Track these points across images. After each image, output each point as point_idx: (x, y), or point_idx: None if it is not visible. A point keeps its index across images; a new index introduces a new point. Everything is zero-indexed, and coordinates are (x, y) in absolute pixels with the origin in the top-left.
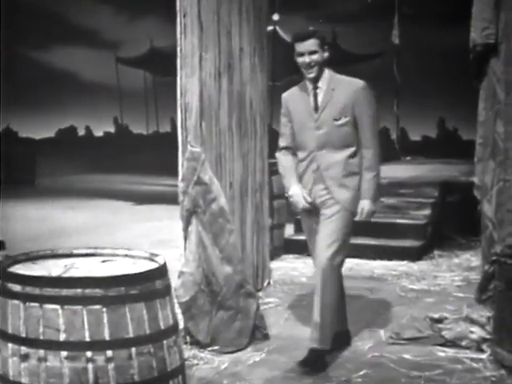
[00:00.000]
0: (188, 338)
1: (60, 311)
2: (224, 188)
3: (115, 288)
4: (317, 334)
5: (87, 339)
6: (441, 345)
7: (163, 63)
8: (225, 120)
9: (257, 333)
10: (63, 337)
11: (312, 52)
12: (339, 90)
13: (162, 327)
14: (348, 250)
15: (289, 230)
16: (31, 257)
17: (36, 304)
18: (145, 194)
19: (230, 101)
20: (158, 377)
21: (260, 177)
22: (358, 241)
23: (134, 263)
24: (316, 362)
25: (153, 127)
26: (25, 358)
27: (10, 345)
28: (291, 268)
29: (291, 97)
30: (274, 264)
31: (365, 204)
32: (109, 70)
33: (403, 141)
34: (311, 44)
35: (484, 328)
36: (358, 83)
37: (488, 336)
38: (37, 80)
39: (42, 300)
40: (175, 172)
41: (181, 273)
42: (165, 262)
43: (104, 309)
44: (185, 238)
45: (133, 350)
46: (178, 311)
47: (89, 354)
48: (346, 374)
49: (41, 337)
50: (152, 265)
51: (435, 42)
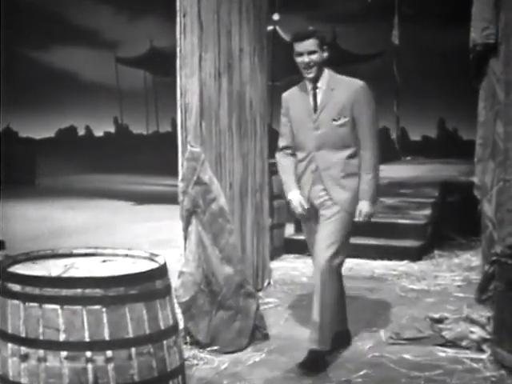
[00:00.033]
0: (188, 338)
1: (60, 311)
2: (224, 188)
3: (115, 288)
4: (316, 335)
5: (87, 339)
6: (441, 345)
7: (163, 63)
8: (225, 120)
9: (257, 333)
10: (63, 337)
11: (311, 52)
12: (338, 90)
13: (162, 327)
14: (348, 250)
15: (289, 230)
16: (31, 257)
17: (36, 304)
18: (145, 194)
19: (230, 101)
20: (158, 377)
21: (260, 177)
22: (359, 241)
23: (134, 263)
24: (316, 363)
25: (153, 127)
26: (24, 358)
27: (10, 345)
28: (291, 268)
29: (291, 97)
30: (274, 264)
31: (363, 205)
32: (109, 70)
33: (403, 141)
34: (310, 44)
35: (484, 328)
36: (358, 83)
37: (488, 336)
38: (37, 80)
39: (42, 300)
40: (175, 172)
41: (181, 273)
42: (165, 262)
43: (104, 309)
44: (185, 238)
45: (132, 350)
46: (178, 311)
47: (88, 354)
48: (346, 374)
49: (40, 337)
50: (152, 265)
51: (435, 43)
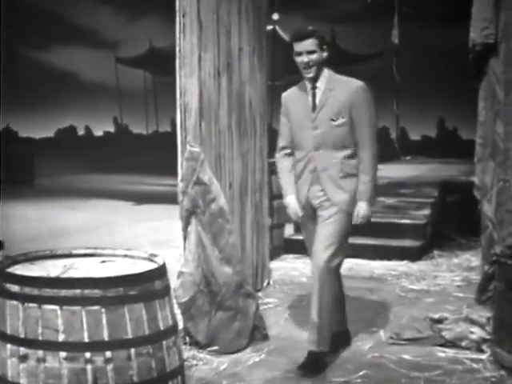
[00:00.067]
0: (187, 339)
1: (59, 312)
2: (223, 188)
3: (114, 288)
4: (315, 337)
5: (86, 340)
6: (441, 345)
7: (163, 63)
8: (224, 120)
9: (256, 333)
10: (62, 337)
11: (310, 52)
12: (337, 90)
13: (161, 328)
14: (347, 251)
15: (289, 230)
16: (30, 257)
17: (35, 305)
18: (144, 194)
19: (230, 100)
20: (157, 377)
21: (260, 176)
22: (358, 241)
23: (134, 263)
24: (315, 365)
25: (152, 127)
26: (23, 359)
27: (9, 345)
28: (291, 268)
29: (290, 96)
30: (274, 264)
31: (360, 207)
32: (108, 70)
33: (403, 140)
34: (310, 44)
35: (484, 328)
36: (356, 84)
37: (488, 336)
38: (37, 80)
39: (41, 301)
40: (175, 172)
41: (180, 273)
42: (164, 263)
43: (103, 309)
44: (184, 239)
45: (132, 351)
46: (178, 311)
47: (88, 355)
48: (346, 375)
49: (39, 337)
50: (151, 265)
51: (435, 42)
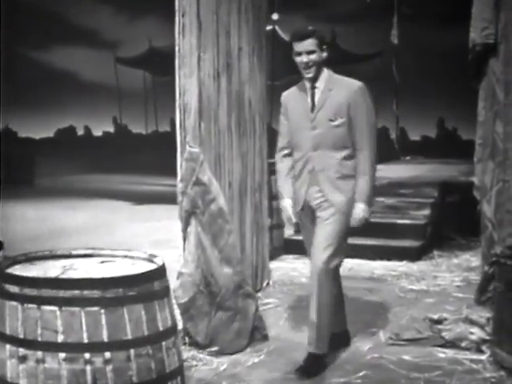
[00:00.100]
0: (187, 339)
1: (58, 313)
2: (223, 188)
3: (113, 289)
4: (314, 338)
5: (85, 341)
6: (440, 346)
7: (162, 63)
8: (224, 120)
9: (256, 334)
10: (61, 338)
11: (310, 52)
12: (336, 91)
13: (161, 329)
14: (346, 251)
15: (288, 230)
16: (29, 258)
17: (34, 305)
18: (144, 194)
19: (229, 100)
20: (157, 378)
21: (259, 176)
22: (358, 241)
23: (133, 264)
24: (314, 366)
25: (152, 127)
26: (23, 360)
27: (8, 346)
28: (291, 268)
29: (290, 96)
30: (274, 264)
31: (358, 208)
32: (108, 70)
33: (403, 141)
34: (309, 44)
35: (484, 329)
36: (356, 84)
37: (488, 337)
38: (37, 80)
39: (40, 301)
40: (175, 172)
41: (180, 274)
42: (163, 263)
43: (102, 310)
44: (184, 239)
45: (131, 352)
46: (177, 312)
47: (87, 356)
48: (345, 376)
49: (39, 338)
50: (151, 266)
51: (434, 42)
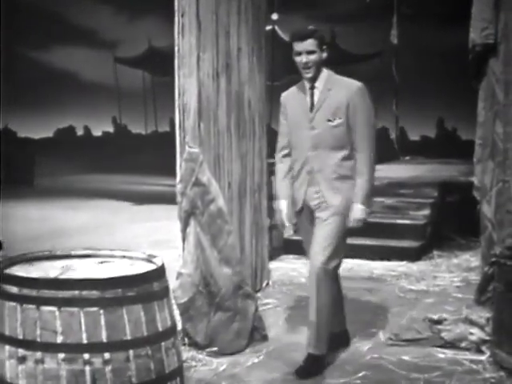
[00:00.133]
0: (186, 340)
1: (57, 313)
2: (222, 189)
3: (112, 290)
4: (313, 339)
5: (84, 341)
6: (440, 346)
7: (162, 63)
8: (223, 120)
9: (255, 334)
10: (60, 339)
11: (310, 52)
12: (335, 91)
13: (160, 329)
14: (345, 252)
15: (288, 231)
16: (28, 258)
17: (33, 306)
18: (144, 194)
19: (229, 101)
20: (156, 379)
21: (259, 177)
22: (358, 241)
23: (132, 264)
24: (314, 367)
25: (151, 127)
26: (22, 361)
27: (7, 347)
28: (290, 268)
29: (289, 96)
30: (273, 264)
31: (355, 209)
32: (108, 70)
33: (402, 141)
34: (309, 44)
35: (483, 329)
36: (355, 84)
37: (487, 337)
38: (36, 80)
39: (39, 302)
40: (174, 172)
41: (179, 274)
42: (163, 264)
43: (101, 311)
44: (183, 240)
45: (130, 353)
46: (176, 312)
47: (86, 357)
48: (345, 376)
49: (38, 339)
50: (150, 266)
51: (434, 42)
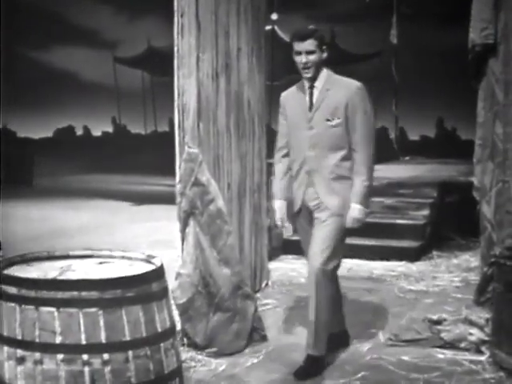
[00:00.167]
0: (185, 340)
1: (56, 314)
2: (222, 189)
3: (111, 290)
4: (312, 340)
5: (83, 342)
6: (439, 347)
7: (161, 63)
8: (222, 120)
9: (255, 335)
10: (59, 339)
11: (310, 52)
12: (334, 91)
13: (159, 330)
14: (344, 253)
15: (287, 231)
16: (27, 258)
17: (32, 306)
18: (144, 194)
19: (228, 101)
20: (155, 379)
21: (258, 177)
22: (357, 241)
23: (131, 265)
24: (313, 367)
25: (151, 127)
26: (21, 361)
27: (6, 348)
28: (290, 269)
29: (289, 96)
30: (273, 265)
31: (353, 209)
32: (108, 70)
33: (402, 140)
34: (309, 44)
35: (483, 330)
36: (354, 84)
37: (487, 338)
38: (36, 80)
39: (38, 302)
40: (174, 172)
41: (178, 274)
42: (162, 264)
43: (100, 311)
44: (182, 240)
45: (129, 353)
46: (176, 313)
47: (85, 357)
48: (345, 377)
49: (37, 340)
50: (149, 267)
51: (434, 42)
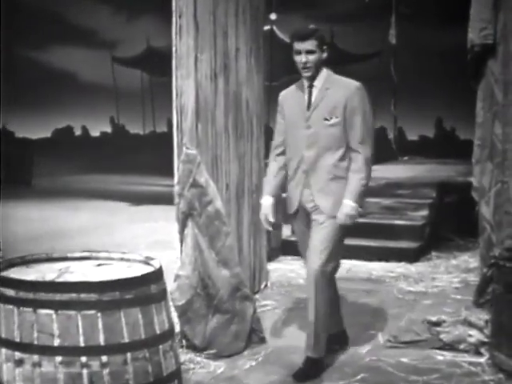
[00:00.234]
0: (184, 342)
1: (54, 316)
2: (220, 190)
3: (110, 292)
4: (311, 342)
5: (82, 344)
6: (439, 348)
7: (160, 63)
8: (221, 121)
9: (253, 336)
10: (57, 342)
11: (309, 52)
12: (333, 90)
13: (158, 332)
14: (342, 254)
15: (286, 232)
16: (25, 260)
17: (30, 309)
18: (143, 195)
19: (226, 102)
20: (154, 382)
21: (256, 178)
22: (356, 242)
23: (130, 267)
24: (312, 369)
25: (149, 127)
26: (19, 364)
27: (4, 350)
28: (289, 270)
29: (288, 95)
30: (272, 266)
31: (345, 205)
32: (107, 70)
33: (400, 141)
34: (309, 44)
35: (482, 331)
36: (353, 84)
37: (486, 339)
38: (36, 80)
39: (36, 305)
40: (172, 172)
41: (177, 276)
42: (160, 266)
43: (99, 313)
44: (181, 241)
45: (128, 355)
46: (174, 315)
47: (83, 359)
48: (344, 378)
49: (35, 342)
50: (147, 269)
51: (433, 42)
